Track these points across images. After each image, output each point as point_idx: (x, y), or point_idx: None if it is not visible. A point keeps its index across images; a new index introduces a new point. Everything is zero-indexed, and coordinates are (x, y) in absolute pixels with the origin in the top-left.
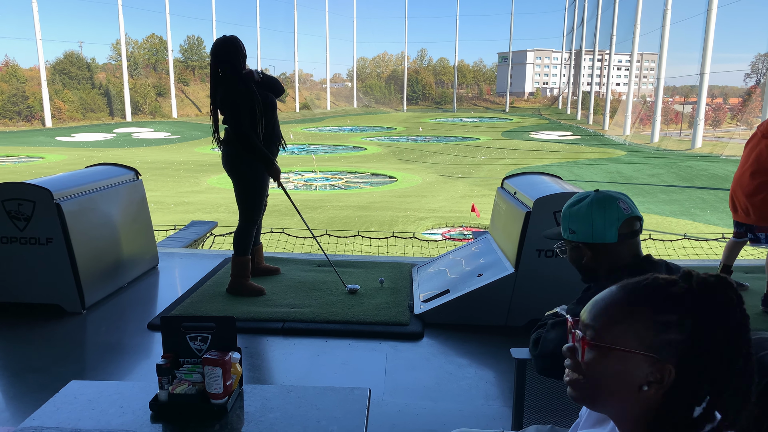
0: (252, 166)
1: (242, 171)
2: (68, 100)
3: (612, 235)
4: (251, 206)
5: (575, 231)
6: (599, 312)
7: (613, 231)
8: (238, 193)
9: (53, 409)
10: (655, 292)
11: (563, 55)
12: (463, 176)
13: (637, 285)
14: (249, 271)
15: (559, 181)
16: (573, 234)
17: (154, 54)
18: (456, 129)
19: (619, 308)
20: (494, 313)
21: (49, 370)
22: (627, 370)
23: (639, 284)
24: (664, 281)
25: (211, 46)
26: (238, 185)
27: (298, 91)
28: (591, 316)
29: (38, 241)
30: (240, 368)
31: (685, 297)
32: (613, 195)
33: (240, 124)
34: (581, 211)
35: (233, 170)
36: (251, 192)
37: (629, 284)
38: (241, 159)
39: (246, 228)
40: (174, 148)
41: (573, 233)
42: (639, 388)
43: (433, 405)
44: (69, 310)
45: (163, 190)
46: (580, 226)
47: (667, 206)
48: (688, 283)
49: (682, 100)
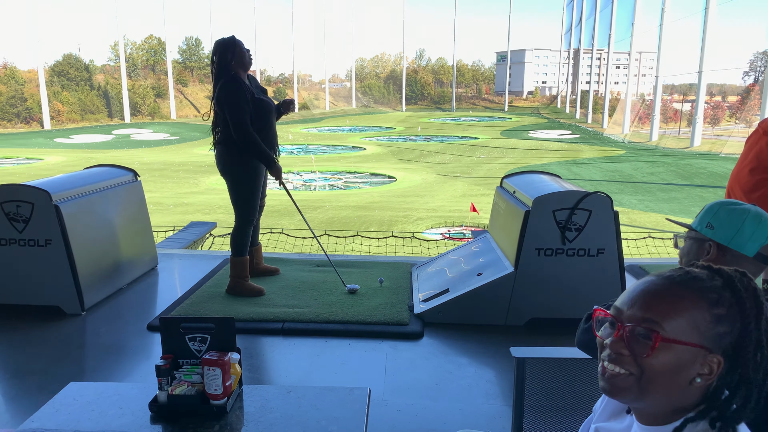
0: (245, 165)
1: (235, 171)
2: (67, 101)
3: (752, 249)
4: (245, 206)
5: (714, 227)
6: (655, 302)
7: (755, 246)
8: (231, 193)
9: (53, 410)
10: (705, 285)
11: (561, 54)
12: (462, 176)
13: (687, 277)
14: (248, 272)
15: (559, 180)
16: (710, 229)
17: (153, 55)
18: (455, 128)
19: (679, 300)
20: (494, 313)
21: (49, 371)
22: (683, 364)
23: (688, 276)
24: (704, 274)
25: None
26: (232, 185)
27: (296, 91)
28: (646, 307)
29: (37, 243)
30: (239, 369)
31: (725, 291)
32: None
33: (241, 122)
34: (735, 213)
35: (226, 170)
36: (244, 192)
37: (676, 276)
38: (233, 159)
39: (242, 228)
40: (173, 149)
41: (711, 228)
42: (691, 381)
43: (434, 404)
44: (68, 311)
45: (162, 191)
46: (724, 225)
47: (667, 204)
48: (720, 277)
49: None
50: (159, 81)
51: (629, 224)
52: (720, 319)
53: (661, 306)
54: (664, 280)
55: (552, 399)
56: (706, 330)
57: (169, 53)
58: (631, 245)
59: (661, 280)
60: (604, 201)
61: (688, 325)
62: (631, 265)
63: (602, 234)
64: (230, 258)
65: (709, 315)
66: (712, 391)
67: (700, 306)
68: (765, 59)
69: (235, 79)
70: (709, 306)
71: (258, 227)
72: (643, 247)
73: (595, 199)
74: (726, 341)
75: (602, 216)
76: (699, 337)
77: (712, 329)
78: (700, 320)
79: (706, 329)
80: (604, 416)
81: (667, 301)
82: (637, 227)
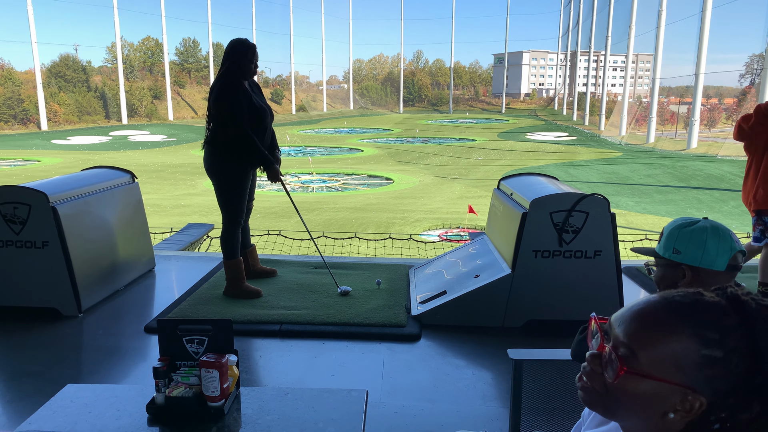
0: (231, 166)
1: (220, 172)
2: (64, 103)
3: (722, 263)
4: (231, 208)
5: (681, 252)
6: (638, 329)
7: (724, 260)
8: (217, 194)
9: (49, 413)
10: (703, 318)
11: (559, 57)
12: (459, 177)
13: (683, 303)
14: (243, 274)
15: (556, 182)
16: (678, 254)
17: (150, 57)
18: (452, 130)
19: (663, 330)
20: (491, 314)
21: (46, 373)
22: (656, 396)
23: (684, 302)
24: (711, 304)
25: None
26: (218, 187)
27: (294, 93)
28: (627, 332)
29: (34, 245)
30: (237, 371)
31: (735, 329)
32: (724, 227)
33: (239, 122)
34: (694, 233)
35: (212, 171)
36: (230, 193)
37: (673, 300)
38: (219, 159)
39: (229, 231)
40: (170, 150)
41: (678, 254)
42: (664, 414)
43: (431, 406)
44: (65, 313)
45: (160, 192)
46: (689, 247)
47: (663, 206)
48: (740, 313)
49: (677, 101)
50: (156, 82)
51: (626, 226)
52: (712, 361)
53: (645, 335)
54: (663, 304)
55: (549, 401)
56: (691, 370)
57: (167, 55)
58: (628, 247)
59: (660, 304)
60: (601, 203)
61: (670, 361)
62: (628, 266)
63: (599, 236)
64: (223, 261)
65: (698, 356)
66: (696, 426)
67: (688, 344)
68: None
69: (235, 80)
70: (701, 346)
71: (248, 229)
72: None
73: (591, 201)
74: (719, 385)
75: (599, 218)
76: (680, 376)
77: (700, 371)
78: (684, 359)
79: (691, 370)
80: (594, 423)
81: (653, 330)
82: (634, 229)
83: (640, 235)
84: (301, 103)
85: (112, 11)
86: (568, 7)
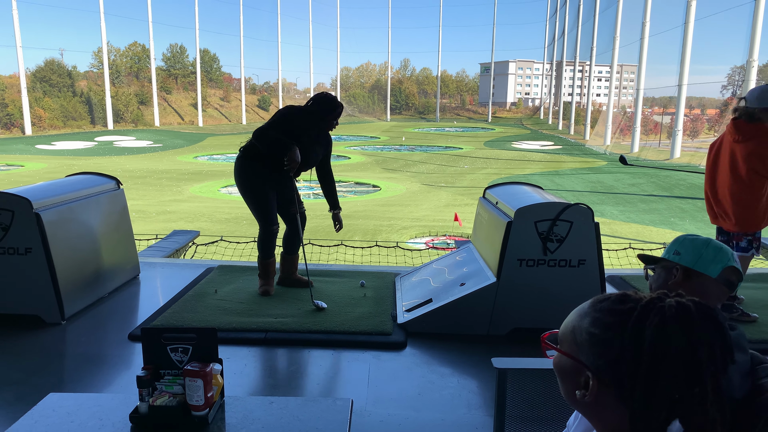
0: (250, 164)
1: (242, 180)
2: (49, 107)
3: (714, 270)
4: (258, 213)
5: (680, 253)
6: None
7: (718, 267)
8: (243, 197)
9: (31, 422)
10: (602, 307)
11: (544, 66)
12: (446, 185)
13: (601, 297)
14: (269, 273)
15: (541, 191)
16: (677, 255)
17: (137, 62)
18: (439, 138)
19: (578, 315)
20: (476, 323)
21: (28, 381)
22: (564, 372)
23: (602, 297)
24: (617, 297)
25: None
26: (240, 187)
27: (281, 100)
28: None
29: (17, 251)
30: (221, 379)
31: (624, 315)
32: (729, 248)
33: (265, 127)
34: (696, 241)
35: (236, 180)
36: (254, 200)
37: (603, 297)
38: (239, 166)
39: (262, 234)
40: (156, 156)
41: (677, 255)
42: (576, 394)
43: (416, 415)
44: (48, 320)
45: (145, 198)
46: (688, 250)
47: (647, 215)
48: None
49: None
50: (143, 88)
51: (611, 235)
52: (594, 339)
53: (567, 319)
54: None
55: (534, 409)
56: (582, 346)
57: (153, 60)
58: (611, 256)
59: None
60: (585, 212)
61: (572, 338)
62: (612, 275)
63: (583, 245)
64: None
65: (587, 333)
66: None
67: (583, 322)
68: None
69: (310, 120)
70: (590, 324)
71: (296, 236)
72: (623, 258)
73: (576, 210)
74: (601, 363)
75: (583, 227)
76: (576, 350)
77: (588, 348)
78: (579, 335)
79: (582, 345)
80: (578, 431)
81: (572, 314)
82: (618, 238)
83: (624, 244)
84: None
85: (99, 16)
86: (554, 17)
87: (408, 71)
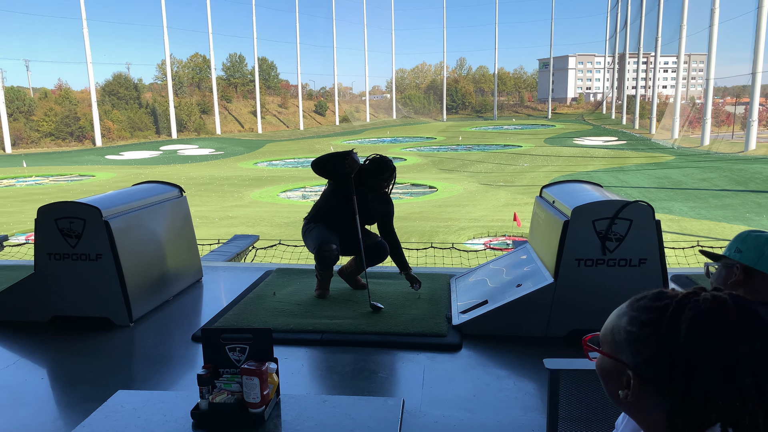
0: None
1: (303, 230)
2: (117, 119)
3: None
4: (311, 249)
5: (742, 251)
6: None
7: None
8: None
9: (102, 417)
10: (643, 302)
11: (606, 59)
12: (505, 184)
13: (639, 296)
14: (319, 283)
15: (600, 189)
16: (738, 253)
17: (198, 73)
18: (497, 137)
19: (617, 315)
20: (534, 324)
21: (99, 380)
22: (607, 373)
23: (640, 295)
24: (654, 296)
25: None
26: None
27: (337, 104)
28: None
29: (88, 257)
30: (277, 378)
31: (660, 312)
32: None
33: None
34: (760, 239)
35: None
36: (307, 243)
37: (641, 296)
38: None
39: (315, 257)
40: (218, 163)
41: (738, 252)
42: (620, 394)
43: (471, 416)
44: (117, 323)
45: (208, 205)
46: (749, 248)
47: (720, 211)
48: (669, 299)
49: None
50: (204, 98)
51: (679, 232)
52: (632, 337)
53: (607, 321)
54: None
55: (590, 411)
56: (621, 345)
57: (214, 71)
58: (679, 254)
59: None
60: (645, 210)
61: (611, 338)
62: (678, 275)
63: (644, 243)
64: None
65: (625, 332)
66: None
67: (621, 322)
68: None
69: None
70: (628, 322)
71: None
72: (691, 256)
73: (635, 208)
74: (639, 360)
75: (643, 225)
76: (616, 350)
77: (627, 347)
78: (617, 334)
79: (621, 344)
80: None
81: (612, 315)
82: (687, 235)
83: (694, 242)
84: (344, 114)
85: (162, 30)
86: (616, 8)
87: (464, 70)
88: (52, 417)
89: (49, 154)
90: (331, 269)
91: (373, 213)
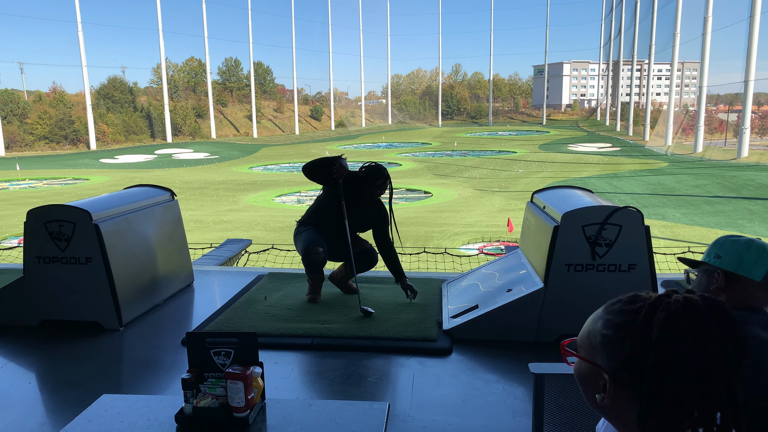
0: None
1: (295, 235)
2: (111, 123)
3: (758, 273)
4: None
5: (721, 257)
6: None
7: (761, 270)
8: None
9: (85, 421)
10: (618, 305)
11: (600, 66)
12: (499, 190)
13: (613, 300)
14: (310, 287)
15: (591, 195)
16: (717, 259)
17: (194, 77)
18: (492, 143)
19: (593, 317)
20: (523, 329)
21: (87, 385)
22: (584, 377)
23: (614, 300)
24: (628, 299)
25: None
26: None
27: (333, 109)
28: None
29: (78, 261)
30: (262, 382)
31: (633, 315)
32: None
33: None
34: (738, 243)
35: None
36: (297, 246)
37: (615, 300)
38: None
39: (302, 260)
40: (213, 167)
41: (718, 258)
42: (596, 398)
43: (460, 421)
44: (107, 327)
45: (203, 209)
46: (728, 253)
47: (713, 218)
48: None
49: (726, 109)
50: (199, 102)
51: (672, 238)
52: (607, 340)
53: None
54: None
55: (576, 416)
56: (598, 349)
57: (209, 75)
58: (671, 260)
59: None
60: (635, 216)
61: (588, 342)
62: (668, 280)
63: (633, 249)
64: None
65: (600, 335)
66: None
67: (597, 326)
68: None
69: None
70: (603, 326)
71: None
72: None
73: (625, 213)
74: (614, 363)
75: (633, 231)
76: (592, 354)
77: (602, 350)
78: (593, 338)
79: (597, 348)
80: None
81: (589, 319)
82: (680, 241)
83: (686, 248)
84: (340, 119)
85: (158, 34)
86: (610, 16)
87: (459, 76)
88: (39, 421)
89: (43, 157)
90: (321, 273)
91: (366, 220)
